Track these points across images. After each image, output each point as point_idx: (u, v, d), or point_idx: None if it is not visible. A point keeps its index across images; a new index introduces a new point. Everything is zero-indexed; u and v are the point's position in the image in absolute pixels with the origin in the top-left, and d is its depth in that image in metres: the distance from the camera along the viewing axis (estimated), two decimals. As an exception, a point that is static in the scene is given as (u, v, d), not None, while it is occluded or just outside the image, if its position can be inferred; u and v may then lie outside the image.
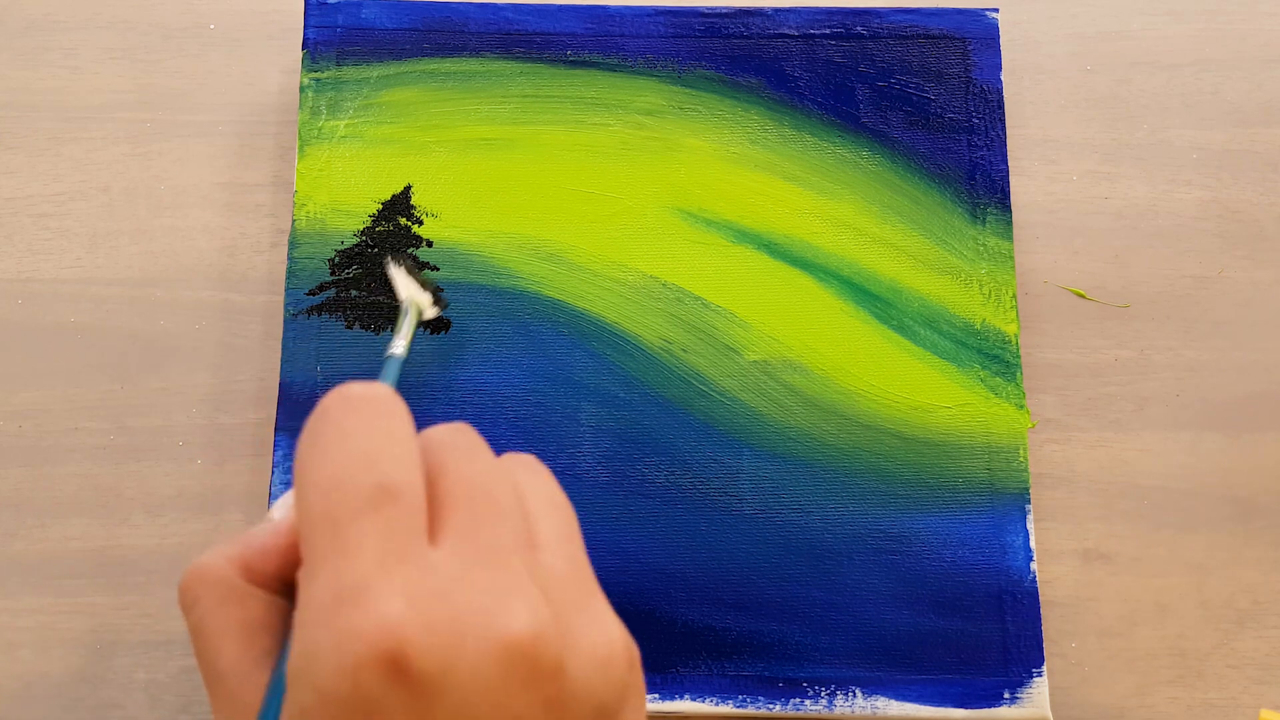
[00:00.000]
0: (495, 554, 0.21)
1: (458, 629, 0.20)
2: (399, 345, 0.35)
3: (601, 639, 0.22)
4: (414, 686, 0.20)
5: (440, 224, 0.42)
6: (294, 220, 0.41)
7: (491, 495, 0.22)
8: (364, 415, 0.22)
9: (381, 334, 0.40)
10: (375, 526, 0.21)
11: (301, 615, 0.21)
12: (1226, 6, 0.46)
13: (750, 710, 0.37)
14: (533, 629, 0.21)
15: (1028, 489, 0.39)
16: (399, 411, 0.22)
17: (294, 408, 0.40)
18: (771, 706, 0.37)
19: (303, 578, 0.21)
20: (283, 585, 0.24)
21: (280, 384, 0.40)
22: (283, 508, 0.26)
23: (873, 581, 0.38)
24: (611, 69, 0.44)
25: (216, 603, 0.23)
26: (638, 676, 0.23)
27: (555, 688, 0.21)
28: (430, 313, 0.39)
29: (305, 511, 0.21)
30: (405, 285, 0.39)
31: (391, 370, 0.34)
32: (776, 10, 0.44)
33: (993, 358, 0.41)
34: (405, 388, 0.40)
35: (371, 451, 0.21)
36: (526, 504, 0.24)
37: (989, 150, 0.43)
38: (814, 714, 0.37)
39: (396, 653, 0.20)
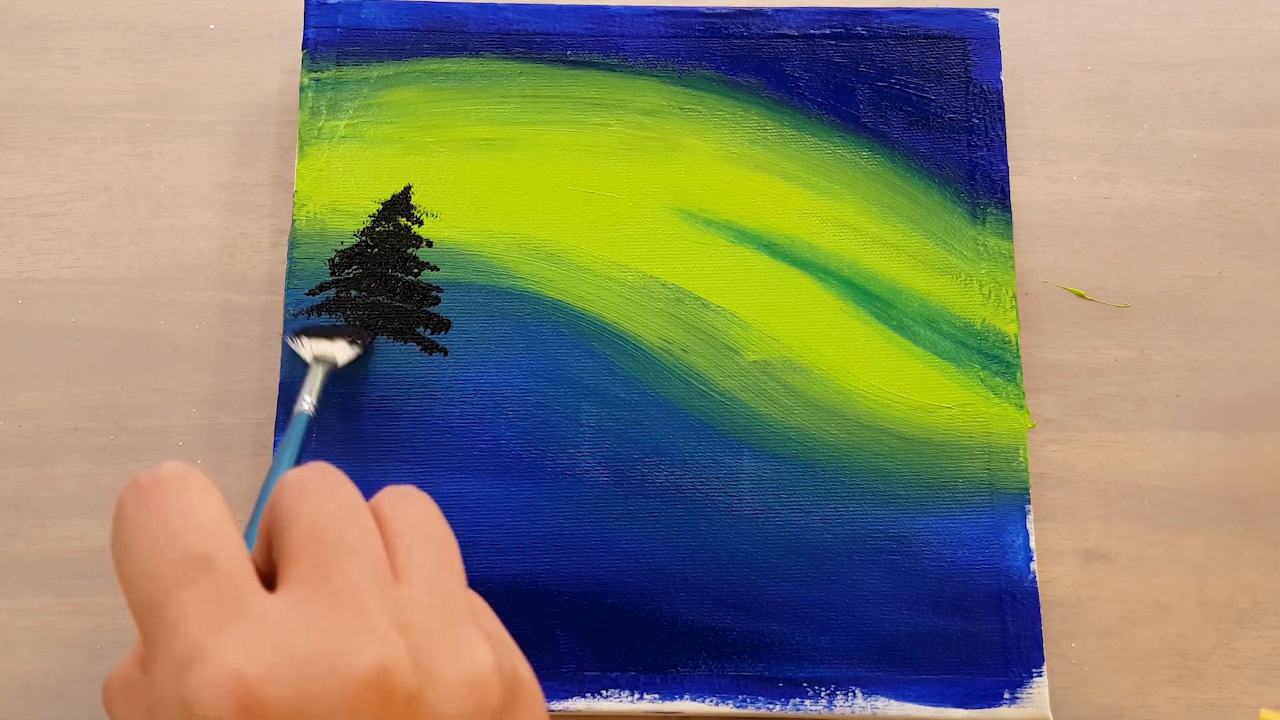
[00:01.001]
0: (343, 595, 0.22)
1: (301, 673, 0.21)
2: (305, 402, 0.36)
3: (465, 665, 0.22)
4: None
5: (440, 224, 0.42)
6: (294, 220, 0.42)
7: (342, 535, 0.23)
8: (157, 501, 0.22)
9: (378, 336, 0.40)
10: (194, 596, 0.21)
11: (154, 696, 0.21)
12: (1226, 6, 0.46)
13: (750, 710, 0.37)
14: (379, 662, 0.21)
15: (1028, 489, 0.39)
16: (193, 484, 0.23)
17: (294, 408, 0.39)
18: (771, 706, 0.37)
19: (148, 667, 0.22)
20: None
21: (280, 384, 0.40)
22: None
23: (873, 581, 0.38)
24: (611, 69, 0.44)
25: (123, 700, 0.23)
26: (527, 699, 0.24)
27: (413, 717, 0.21)
28: (345, 356, 0.39)
29: (132, 606, 0.22)
30: (308, 348, 0.39)
31: (297, 427, 0.35)
32: (776, 10, 0.44)
33: (993, 358, 0.41)
34: (405, 389, 0.40)
35: (171, 531, 0.22)
36: (398, 537, 0.24)
37: (989, 150, 0.43)
38: (814, 714, 0.37)
39: (244, 698, 0.20)
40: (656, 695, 0.37)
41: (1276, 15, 0.46)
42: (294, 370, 0.40)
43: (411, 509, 0.25)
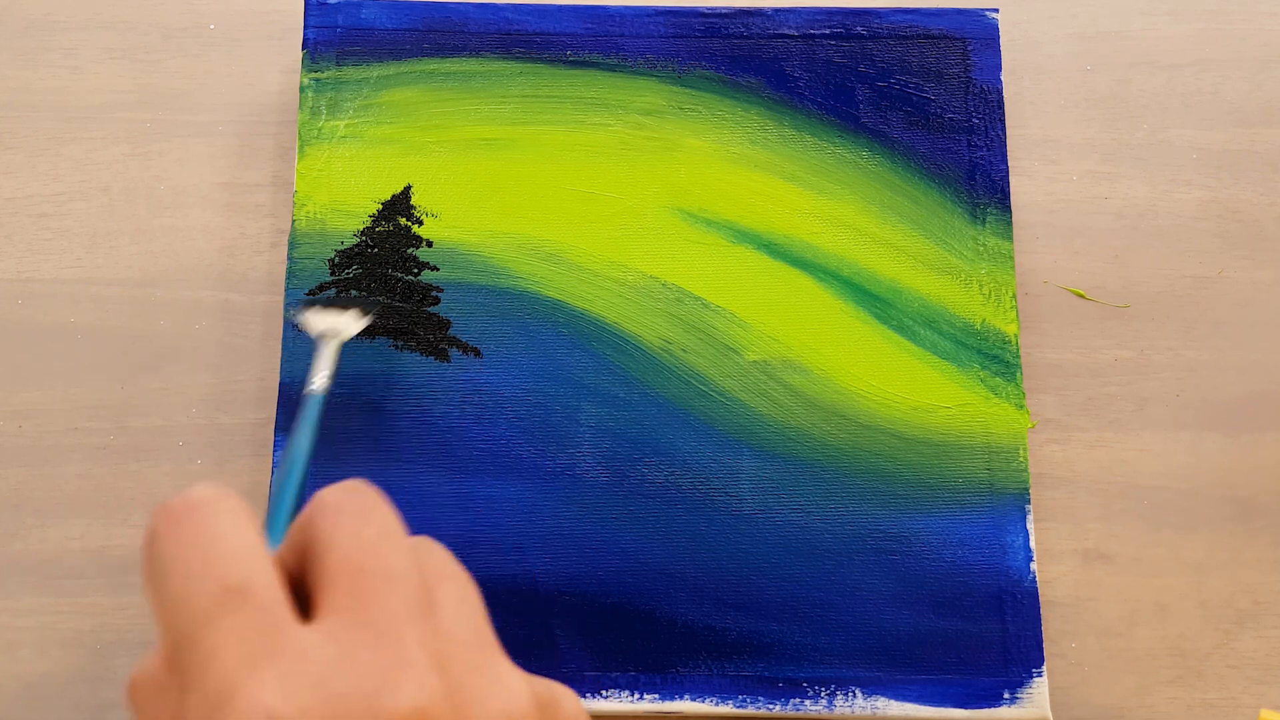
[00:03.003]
0: (382, 627, 0.21)
1: (335, 713, 0.20)
2: (315, 381, 0.35)
3: (503, 697, 0.22)
4: None
5: (440, 224, 0.42)
6: (294, 220, 0.42)
7: (382, 563, 0.22)
8: (189, 526, 0.22)
9: (376, 337, 0.40)
10: (230, 629, 0.21)
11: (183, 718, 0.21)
12: (1226, 6, 0.46)
13: (750, 710, 0.37)
14: (417, 704, 0.20)
15: (1027, 489, 0.39)
16: (226, 508, 0.22)
17: (294, 408, 0.39)
18: (771, 706, 0.37)
19: (180, 692, 0.21)
20: None
21: (280, 384, 0.40)
22: None
23: (873, 581, 0.38)
24: (611, 69, 0.44)
25: (152, 701, 0.23)
26: None
27: None
28: (355, 327, 0.38)
29: (164, 633, 0.22)
30: (316, 322, 0.38)
31: (311, 409, 0.34)
32: (776, 10, 0.44)
33: (993, 358, 0.41)
34: (405, 389, 0.40)
35: (207, 558, 0.21)
36: (426, 572, 0.23)
37: (989, 150, 0.43)
38: (814, 714, 0.37)
39: None
40: (656, 695, 0.37)
41: (1276, 15, 0.46)
42: (294, 370, 0.40)
43: (432, 551, 0.25)
